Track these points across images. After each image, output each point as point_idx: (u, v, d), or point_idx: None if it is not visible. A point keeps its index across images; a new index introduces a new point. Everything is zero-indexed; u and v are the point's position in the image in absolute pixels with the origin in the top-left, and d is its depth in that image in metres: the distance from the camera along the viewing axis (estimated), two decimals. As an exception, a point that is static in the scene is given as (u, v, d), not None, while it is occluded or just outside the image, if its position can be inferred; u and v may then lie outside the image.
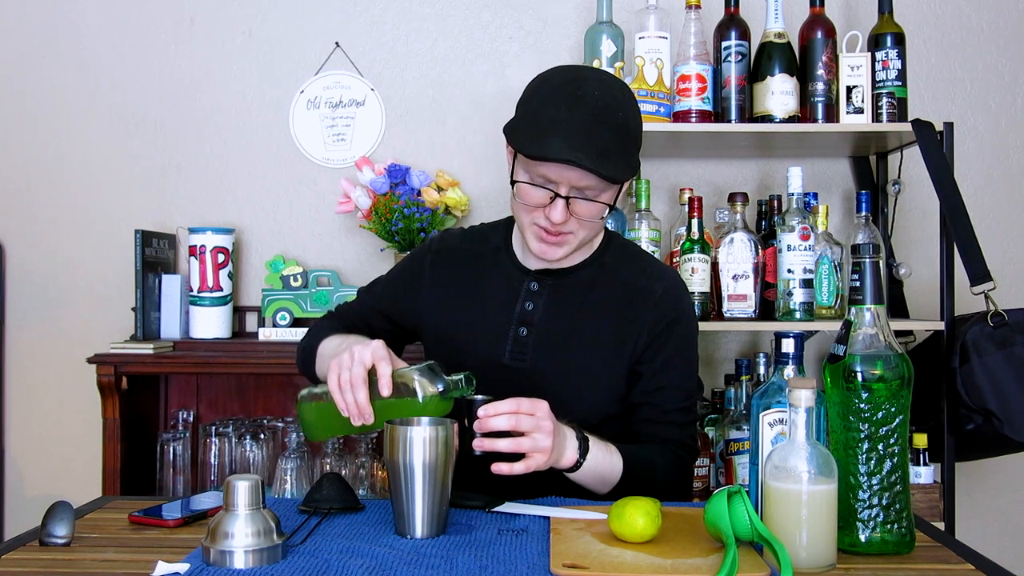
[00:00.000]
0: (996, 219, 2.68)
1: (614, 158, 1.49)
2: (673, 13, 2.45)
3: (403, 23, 2.72)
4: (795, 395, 1.18)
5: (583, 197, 1.52)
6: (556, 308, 1.64)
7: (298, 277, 2.55)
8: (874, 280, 1.28)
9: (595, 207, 1.53)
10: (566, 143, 1.46)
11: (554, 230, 1.55)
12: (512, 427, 1.38)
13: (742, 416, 2.31)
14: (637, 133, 1.57)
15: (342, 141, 2.70)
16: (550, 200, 1.52)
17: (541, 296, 1.64)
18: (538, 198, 1.53)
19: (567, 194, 1.51)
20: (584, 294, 1.65)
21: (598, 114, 1.49)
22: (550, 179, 1.51)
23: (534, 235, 1.57)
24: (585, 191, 1.52)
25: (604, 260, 1.68)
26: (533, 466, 1.39)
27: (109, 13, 2.73)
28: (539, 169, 1.51)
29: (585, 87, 1.51)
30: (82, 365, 2.38)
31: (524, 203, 1.55)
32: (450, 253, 1.74)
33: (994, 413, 2.15)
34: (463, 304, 1.69)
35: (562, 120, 1.48)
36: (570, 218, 1.53)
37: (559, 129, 1.47)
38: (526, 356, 1.62)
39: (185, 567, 1.17)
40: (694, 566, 1.18)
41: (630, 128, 1.54)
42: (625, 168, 1.51)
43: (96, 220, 2.72)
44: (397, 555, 1.23)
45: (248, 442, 2.43)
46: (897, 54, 2.34)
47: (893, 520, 1.25)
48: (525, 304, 1.64)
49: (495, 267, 1.70)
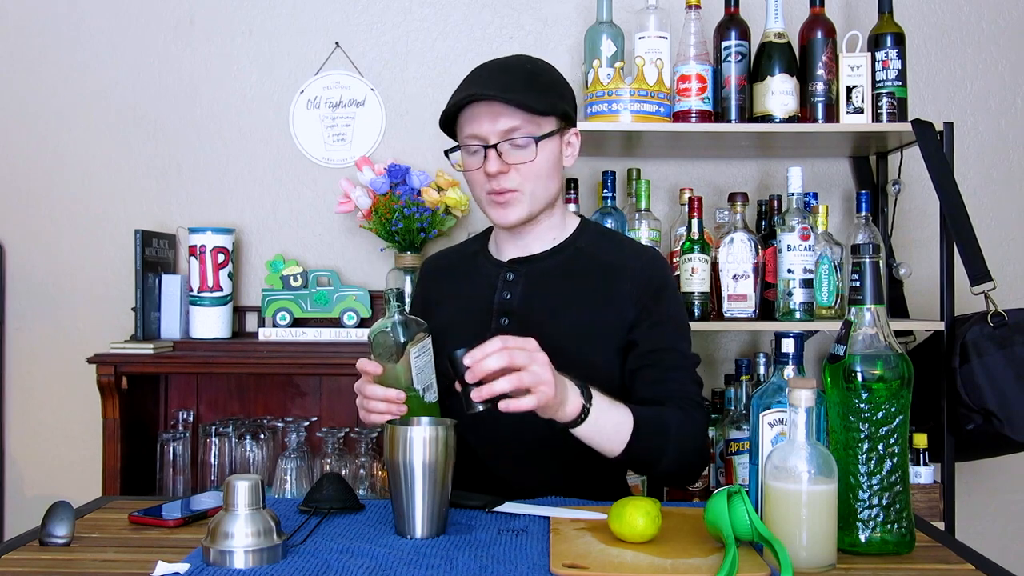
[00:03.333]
0: (996, 219, 2.68)
1: (521, 91, 1.55)
2: (673, 13, 2.45)
3: (403, 23, 2.72)
4: (795, 395, 1.18)
5: (511, 142, 1.56)
6: (534, 295, 1.65)
7: (298, 277, 2.55)
8: (874, 280, 1.28)
9: (525, 151, 1.57)
10: (471, 87, 1.57)
11: (498, 187, 1.58)
12: (507, 364, 1.30)
13: (742, 416, 2.31)
14: (551, 81, 1.63)
15: (342, 141, 2.70)
16: (484, 157, 1.57)
17: (517, 285, 1.66)
18: (475, 161, 1.59)
19: (496, 142, 1.56)
20: (561, 278, 1.66)
21: (500, 64, 1.62)
22: (477, 135, 1.57)
23: (488, 203, 1.62)
24: (511, 135, 1.56)
25: (579, 244, 1.70)
26: (542, 399, 1.33)
27: (109, 13, 2.73)
28: (466, 130, 1.58)
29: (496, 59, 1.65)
30: (82, 365, 2.38)
31: (467, 172, 1.62)
32: (436, 269, 1.82)
33: (994, 413, 2.15)
34: (449, 307, 1.72)
35: (472, 77, 1.60)
36: (509, 170, 1.57)
37: (466, 82, 1.59)
38: None
39: (185, 567, 1.17)
40: (694, 566, 1.18)
41: (540, 73, 1.62)
42: (536, 100, 1.56)
43: (96, 220, 2.72)
44: (397, 555, 1.23)
45: (248, 442, 2.43)
46: (897, 54, 2.34)
47: (893, 520, 1.25)
48: (503, 294, 1.66)
49: (474, 268, 1.74)
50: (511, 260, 1.69)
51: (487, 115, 1.56)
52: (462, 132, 1.60)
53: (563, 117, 1.62)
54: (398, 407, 1.45)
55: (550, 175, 1.62)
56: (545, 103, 1.58)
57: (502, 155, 1.57)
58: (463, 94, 1.57)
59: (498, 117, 1.55)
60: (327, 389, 2.62)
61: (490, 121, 1.55)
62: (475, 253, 1.76)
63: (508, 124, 1.56)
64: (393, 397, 1.44)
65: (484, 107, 1.56)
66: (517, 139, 1.56)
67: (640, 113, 2.27)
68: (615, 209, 2.41)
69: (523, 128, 1.56)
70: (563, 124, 1.63)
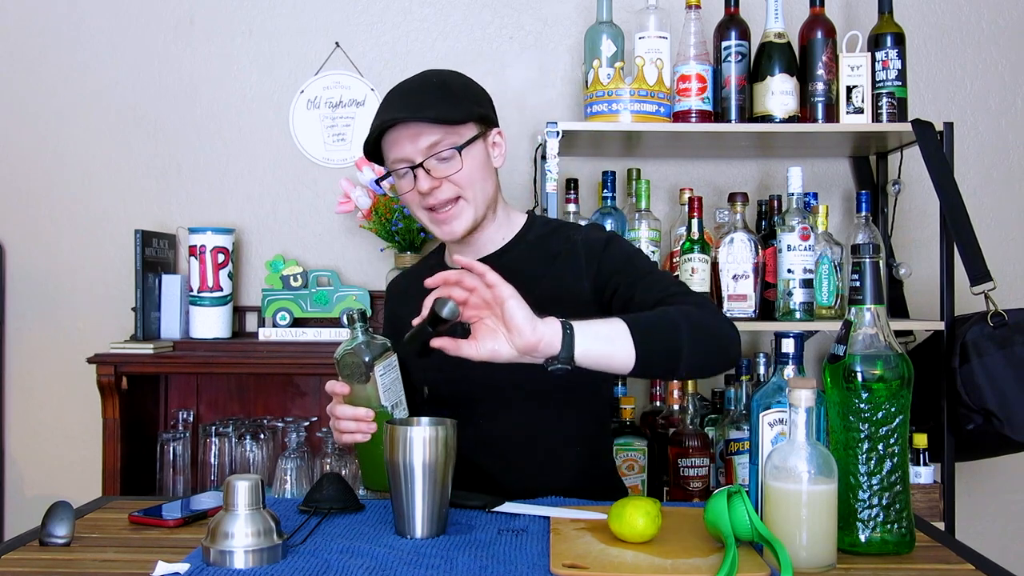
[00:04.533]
0: (996, 219, 2.68)
1: (434, 105, 1.59)
2: (673, 13, 2.45)
3: (403, 23, 2.72)
4: (795, 395, 1.18)
5: (436, 156, 1.59)
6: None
7: (298, 277, 2.55)
8: (874, 280, 1.28)
9: (452, 162, 1.59)
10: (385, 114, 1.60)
11: (435, 202, 1.61)
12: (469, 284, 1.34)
13: (742, 416, 2.31)
14: (462, 89, 1.66)
15: (342, 141, 2.70)
16: (414, 178, 1.60)
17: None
18: (406, 183, 1.62)
19: (421, 160, 1.59)
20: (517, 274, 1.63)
21: (412, 84, 1.66)
22: (401, 158, 1.60)
23: (428, 219, 1.65)
24: (435, 150, 1.58)
25: (528, 238, 1.72)
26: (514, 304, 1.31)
27: (109, 13, 2.73)
28: (391, 155, 1.61)
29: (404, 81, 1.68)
30: (82, 365, 2.38)
31: (402, 195, 1.65)
32: (397, 291, 1.86)
33: (994, 413, 2.15)
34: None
35: (382, 105, 1.64)
36: (441, 183, 1.60)
37: (380, 111, 1.63)
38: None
39: (185, 567, 1.17)
40: (694, 566, 1.18)
41: (450, 85, 1.65)
42: (448, 110, 1.59)
43: (96, 220, 2.72)
44: (397, 555, 1.23)
45: (248, 442, 2.43)
46: (897, 54, 2.34)
47: (893, 520, 1.25)
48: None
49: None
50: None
51: (407, 136, 1.58)
52: (388, 158, 1.63)
53: (481, 121, 1.64)
54: (367, 425, 1.47)
55: (483, 178, 1.64)
56: (460, 111, 1.60)
57: (430, 171, 1.59)
58: (378, 122, 1.60)
59: (418, 136, 1.58)
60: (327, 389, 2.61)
61: (411, 141, 1.58)
62: (433, 267, 1.77)
63: (429, 140, 1.58)
64: (362, 415, 1.47)
65: (403, 130, 1.59)
66: (441, 152, 1.59)
67: (640, 113, 2.27)
68: (615, 209, 2.41)
69: (444, 141, 1.59)
70: (483, 127, 1.65)
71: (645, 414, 2.52)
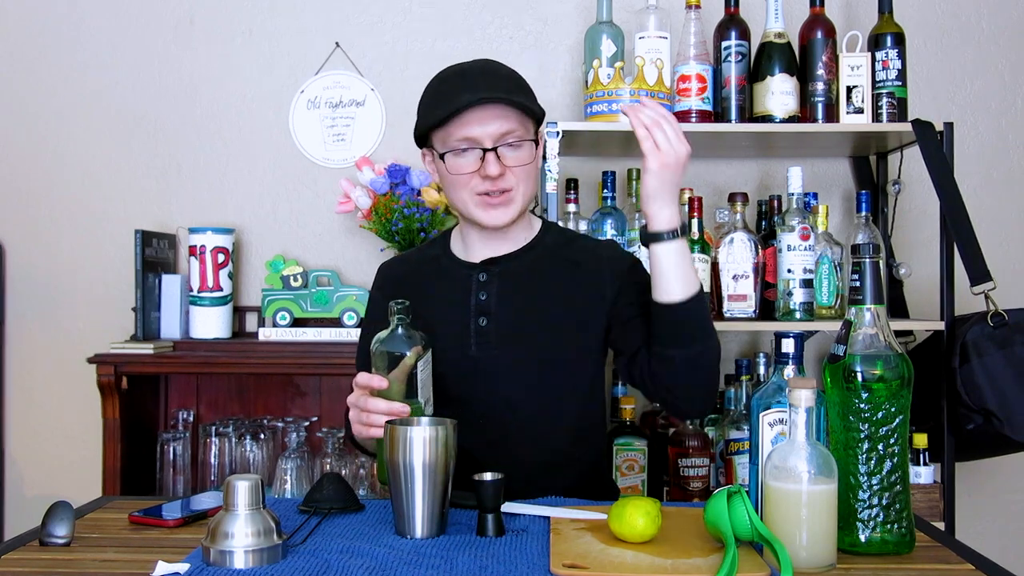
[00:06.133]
0: (996, 219, 2.68)
1: (520, 93, 1.60)
2: (673, 13, 2.45)
3: (403, 23, 2.72)
4: (795, 395, 1.18)
5: (508, 145, 1.59)
6: (509, 294, 1.67)
7: (298, 277, 2.55)
8: (874, 280, 1.28)
9: (524, 151, 1.60)
10: (472, 91, 1.56)
11: (495, 188, 1.60)
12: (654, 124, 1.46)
13: (742, 416, 2.31)
14: (526, 84, 1.66)
15: (342, 141, 2.70)
16: (480, 160, 1.58)
17: (492, 285, 1.68)
18: (469, 163, 1.60)
19: (493, 145, 1.58)
20: (532, 276, 1.69)
21: (486, 67, 1.65)
22: (472, 138, 1.58)
23: (478, 204, 1.63)
24: (508, 138, 1.58)
25: (545, 242, 1.74)
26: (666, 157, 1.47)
27: (109, 13, 2.73)
28: (459, 133, 1.58)
29: (465, 64, 1.66)
30: (82, 365, 2.38)
31: (458, 175, 1.61)
32: (395, 277, 1.80)
33: (994, 413, 2.15)
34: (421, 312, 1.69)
35: (458, 83, 1.60)
36: (506, 171, 1.59)
37: (459, 87, 1.59)
38: (491, 344, 1.65)
39: (185, 567, 1.17)
40: (694, 566, 1.18)
41: (516, 76, 1.65)
42: (530, 101, 1.61)
43: (96, 220, 2.72)
44: (397, 555, 1.23)
45: (248, 442, 2.43)
46: (897, 54, 2.34)
47: (893, 520, 1.25)
48: (479, 295, 1.68)
49: (440, 272, 1.74)
50: (483, 261, 1.70)
51: (482, 118, 1.57)
52: (452, 135, 1.59)
53: (539, 121, 1.66)
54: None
55: (535, 177, 1.67)
56: (537, 106, 1.63)
57: (500, 158, 1.59)
58: (462, 99, 1.56)
59: (494, 120, 1.57)
60: (327, 389, 2.62)
61: (486, 124, 1.57)
62: (437, 257, 1.77)
63: (505, 127, 1.58)
64: (398, 411, 1.42)
65: (477, 110, 1.57)
66: (513, 141, 1.59)
67: (640, 113, 2.27)
68: (615, 209, 2.41)
69: (517, 130, 1.59)
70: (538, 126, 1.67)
71: (645, 414, 2.52)
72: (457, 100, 1.57)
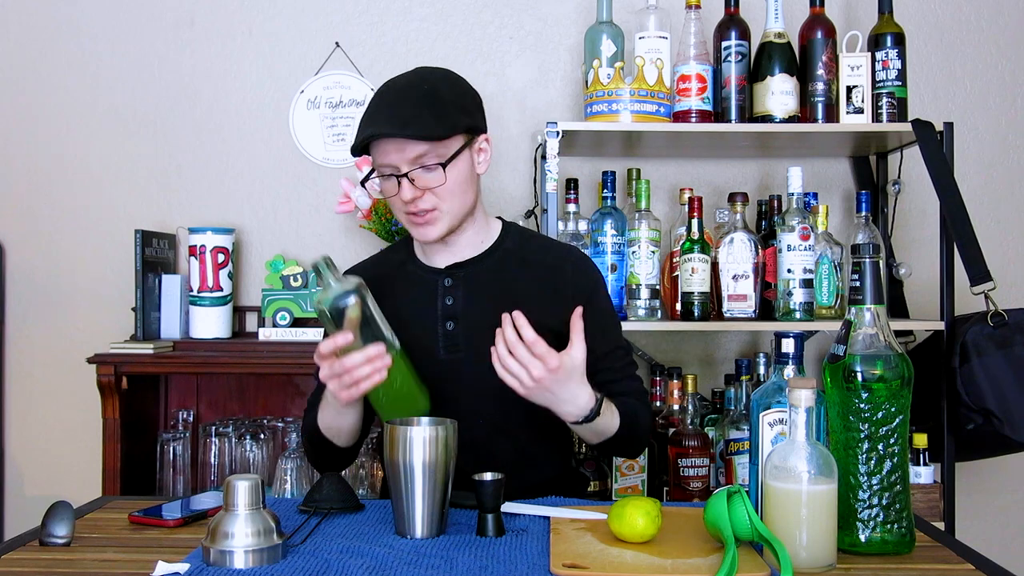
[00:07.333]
0: (996, 219, 2.68)
1: (420, 119, 1.59)
2: (673, 13, 2.45)
3: (403, 23, 2.72)
4: (795, 395, 1.18)
5: (422, 167, 1.61)
6: (475, 297, 1.70)
7: (298, 277, 2.55)
8: (874, 280, 1.28)
9: (435, 175, 1.61)
10: (371, 123, 1.61)
11: (416, 209, 1.64)
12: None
13: (742, 416, 2.31)
14: (451, 97, 1.65)
15: (342, 141, 2.70)
16: (398, 184, 1.61)
17: (458, 289, 1.71)
18: (390, 186, 1.64)
19: (407, 170, 1.61)
20: (497, 280, 1.72)
21: (399, 91, 1.65)
22: (387, 164, 1.62)
23: (407, 220, 1.67)
24: (421, 161, 1.60)
25: (506, 246, 1.76)
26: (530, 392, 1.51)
27: (109, 13, 2.73)
28: (378, 159, 1.63)
29: (395, 79, 1.68)
30: (82, 365, 2.38)
31: (384, 196, 1.68)
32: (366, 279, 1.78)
33: (994, 413, 2.15)
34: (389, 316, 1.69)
35: (371, 109, 1.65)
36: (424, 193, 1.62)
37: (368, 117, 1.64)
38: (459, 347, 1.68)
39: (185, 567, 1.17)
40: (694, 566, 1.18)
41: (439, 93, 1.64)
42: (433, 125, 1.59)
43: (96, 220, 2.72)
44: (397, 555, 1.23)
45: (248, 442, 2.43)
46: (897, 54, 2.34)
47: (893, 520, 1.25)
48: (445, 300, 1.70)
49: (406, 277, 1.77)
50: (448, 266, 1.72)
51: (394, 146, 1.60)
52: (375, 159, 1.64)
53: (468, 131, 1.66)
54: (382, 361, 1.46)
55: (464, 190, 1.67)
56: (445, 126, 1.61)
57: (414, 181, 1.61)
58: (366, 132, 1.61)
59: (404, 147, 1.60)
60: (327, 389, 2.61)
61: (397, 152, 1.60)
62: (402, 262, 1.79)
63: (415, 152, 1.60)
64: (374, 353, 1.45)
65: (390, 141, 1.60)
66: (427, 164, 1.61)
67: (640, 113, 2.27)
68: (615, 209, 2.41)
69: (431, 152, 1.61)
70: (470, 137, 1.66)
71: (645, 414, 2.52)
72: (360, 135, 1.62)
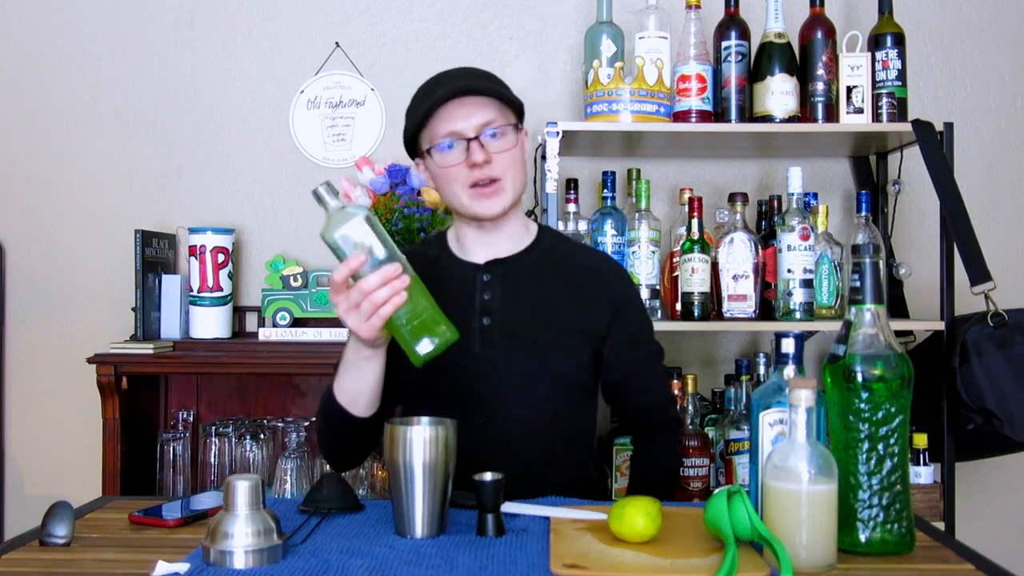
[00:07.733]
0: (996, 219, 2.68)
1: (493, 81, 1.66)
2: (673, 13, 2.45)
3: (403, 23, 2.72)
4: (795, 395, 1.18)
5: (491, 135, 1.62)
6: (512, 294, 1.70)
7: (298, 277, 2.55)
8: (874, 280, 1.28)
9: (507, 139, 1.64)
10: (448, 85, 1.62)
11: (484, 176, 1.62)
12: None
13: (742, 416, 2.31)
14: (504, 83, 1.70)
15: (342, 141, 2.70)
16: (466, 152, 1.61)
17: (495, 285, 1.70)
18: (455, 155, 1.63)
19: (476, 134, 1.61)
20: (534, 278, 1.72)
21: (462, 68, 1.71)
22: (455, 132, 1.61)
23: (471, 196, 1.65)
24: (489, 127, 1.62)
25: (543, 246, 1.76)
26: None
27: (109, 13, 2.73)
28: (442, 129, 1.62)
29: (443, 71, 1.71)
30: (82, 365, 2.38)
31: (446, 167, 1.64)
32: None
33: (994, 413, 2.15)
34: None
35: (434, 84, 1.65)
36: (492, 158, 1.62)
37: (435, 85, 1.65)
38: (495, 343, 1.67)
39: (185, 567, 1.17)
40: (694, 566, 1.18)
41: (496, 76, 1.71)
42: (505, 90, 1.65)
43: (96, 220, 2.72)
44: (397, 555, 1.23)
45: (248, 442, 2.43)
46: (897, 54, 2.34)
47: (893, 520, 1.25)
48: (483, 295, 1.70)
49: (442, 272, 1.73)
50: (488, 262, 1.72)
51: (462, 111, 1.61)
52: (436, 132, 1.63)
53: (520, 115, 1.70)
54: (400, 281, 1.39)
55: (522, 166, 1.69)
56: (513, 96, 1.67)
57: (484, 146, 1.62)
58: (445, 90, 1.60)
59: (474, 112, 1.61)
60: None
61: (464, 119, 1.61)
62: (436, 257, 1.77)
63: (485, 117, 1.62)
64: (391, 272, 1.39)
65: (457, 106, 1.61)
66: (495, 130, 1.63)
67: (640, 113, 2.27)
68: (615, 209, 2.41)
69: (497, 120, 1.63)
70: (519, 121, 1.69)
71: (645, 414, 2.51)
72: (434, 95, 1.62)
